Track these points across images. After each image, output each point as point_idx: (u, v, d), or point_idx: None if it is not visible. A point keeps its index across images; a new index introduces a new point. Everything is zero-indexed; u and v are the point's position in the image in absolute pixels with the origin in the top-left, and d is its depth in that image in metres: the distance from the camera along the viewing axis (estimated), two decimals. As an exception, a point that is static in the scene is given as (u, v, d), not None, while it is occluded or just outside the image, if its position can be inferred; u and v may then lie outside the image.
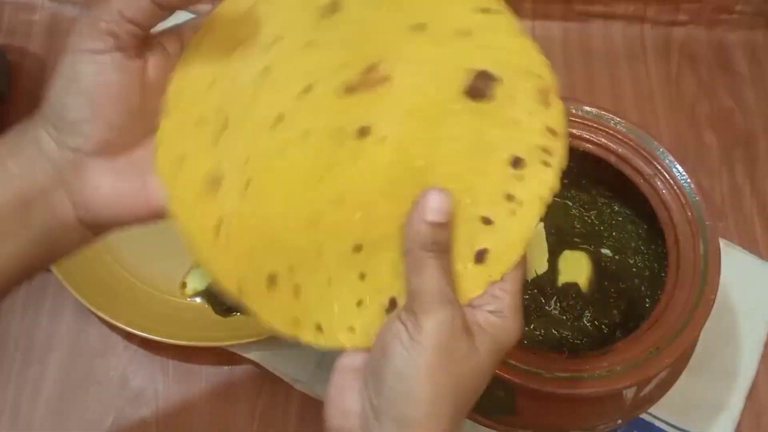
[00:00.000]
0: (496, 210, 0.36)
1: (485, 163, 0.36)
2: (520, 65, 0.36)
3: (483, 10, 0.36)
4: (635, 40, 0.82)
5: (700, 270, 0.51)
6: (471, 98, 0.36)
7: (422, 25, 0.36)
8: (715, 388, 0.63)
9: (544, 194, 0.36)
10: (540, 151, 0.36)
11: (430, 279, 0.34)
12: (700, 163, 0.75)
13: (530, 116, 0.36)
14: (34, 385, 0.62)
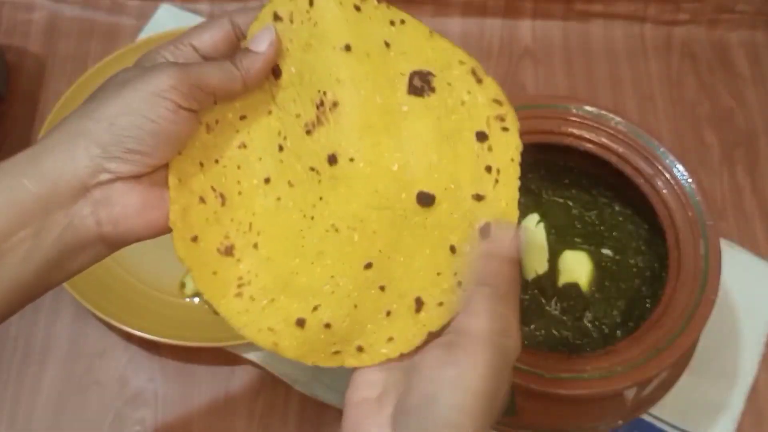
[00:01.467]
0: (481, 185, 0.38)
1: (454, 147, 0.39)
2: (442, 58, 0.40)
3: (392, 23, 0.41)
4: (636, 40, 0.82)
5: (701, 270, 0.51)
6: (415, 95, 0.40)
7: (348, 45, 0.40)
8: (716, 388, 0.63)
9: (514, 156, 0.39)
10: (495, 120, 0.39)
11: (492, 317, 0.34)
12: (700, 163, 0.75)
13: (472, 95, 0.39)
14: (34, 385, 0.62)
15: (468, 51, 0.41)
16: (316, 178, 0.41)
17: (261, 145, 0.41)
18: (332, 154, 0.40)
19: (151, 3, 0.80)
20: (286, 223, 0.40)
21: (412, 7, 0.84)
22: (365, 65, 0.40)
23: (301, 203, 0.41)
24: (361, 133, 0.40)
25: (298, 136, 0.41)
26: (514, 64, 0.80)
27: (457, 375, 0.34)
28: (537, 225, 0.61)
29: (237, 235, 0.40)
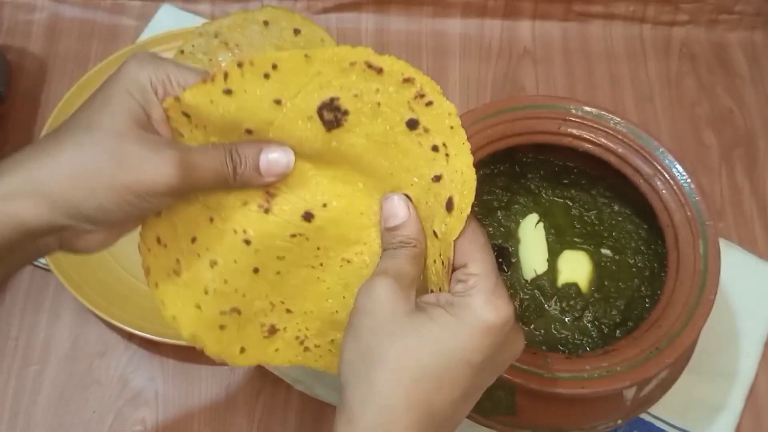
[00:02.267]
0: (435, 165, 0.39)
1: (396, 144, 0.39)
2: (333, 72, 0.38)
3: (266, 76, 0.38)
4: (635, 40, 0.82)
5: (700, 270, 0.51)
6: (336, 128, 0.39)
7: (278, 100, 0.39)
8: (715, 387, 0.63)
9: (451, 122, 0.38)
10: (415, 101, 0.38)
11: (378, 266, 0.37)
12: (699, 163, 0.75)
13: (381, 91, 0.38)
14: (35, 385, 0.62)
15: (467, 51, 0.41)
16: (303, 240, 0.42)
17: (225, 253, 0.42)
18: (304, 212, 0.42)
19: (152, 3, 0.80)
20: (302, 283, 0.43)
21: (412, 9, 0.85)
22: (276, 134, 0.40)
23: (299, 263, 0.43)
24: (316, 178, 0.41)
25: (256, 221, 0.42)
26: (513, 64, 0.80)
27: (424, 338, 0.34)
28: (536, 225, 0.61)
29: (274, 317, 0.43)
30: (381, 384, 0.33)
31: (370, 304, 0.35)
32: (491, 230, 0.61)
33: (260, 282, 0.43)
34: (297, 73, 0.38)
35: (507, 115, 0.57)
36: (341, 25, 0.81)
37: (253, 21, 0.73)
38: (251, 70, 0.38)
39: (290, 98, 0.39)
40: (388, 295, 0.35)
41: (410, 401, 0.33)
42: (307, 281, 0.43)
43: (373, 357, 0.33)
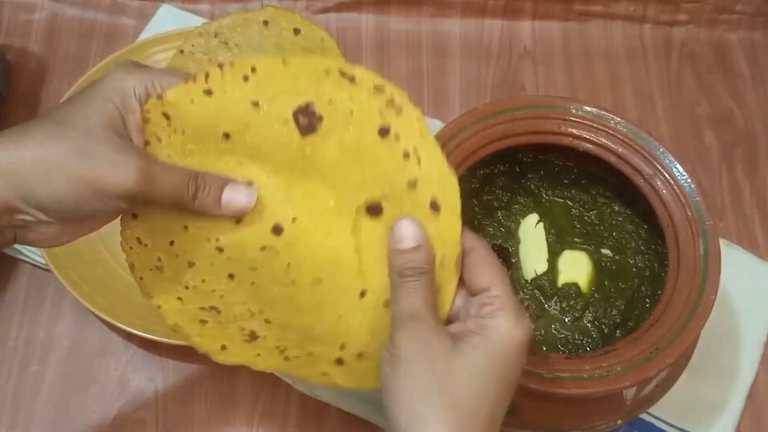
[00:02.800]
0: (408, 170, 0.39)
1: (367, 152, 0.40)
2: (309, 78, 0.40)
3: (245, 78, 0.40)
4: (635, 40, 0.82)
5: (700, 270, 0.51)
6: (310, 133, 0.41)
7: (255, 102, 0.41)
8: (715, 388, 0.63)
9: (420, 127, 0.39)
10: (386, 108, 0.39)
11: (403, 301, 0.37)
12: (700, 163, 0.75)
13: (353, 99, 0.40)
14: (35, 385, 0.62)
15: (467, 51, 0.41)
16: (273, 253, 0.43)
17: (201, 257, 0.43)
18: (274, 225, 0.42)
19: (152, 3, 0.80)
20: (277, 297, 0.43)
21: (412, 9, 0.85)
22: (252, 137, 0.41)
23: (272, 278, 0.43)
24: (288, 192, 0.42)
25: (229, 230, 0.43)
26: (513, 64, 0.80)
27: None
28: (536, 225, 0.61)
29: (254, 323, 0.43)
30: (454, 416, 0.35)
31: (419, 348, 0.36)
32: (491, 230, 0.61)
33: (237, 288, 0.43)
34: (275, 77, 0.40)
35: (507, 115, 0.57)
36: (341, 25, 0.81)
37: (253, 21, 0.73)
38: (231, 72, 0.40)
39: (267, 101, 0.40)
40: (431, 334, 0.36)
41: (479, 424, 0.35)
42: (281, 297, 0.43)
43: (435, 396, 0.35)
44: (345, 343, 0.41)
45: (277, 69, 0.40)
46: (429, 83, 0.78)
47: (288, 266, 0.43)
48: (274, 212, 0.42)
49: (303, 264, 0.43)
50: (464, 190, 0.61)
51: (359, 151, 0.40)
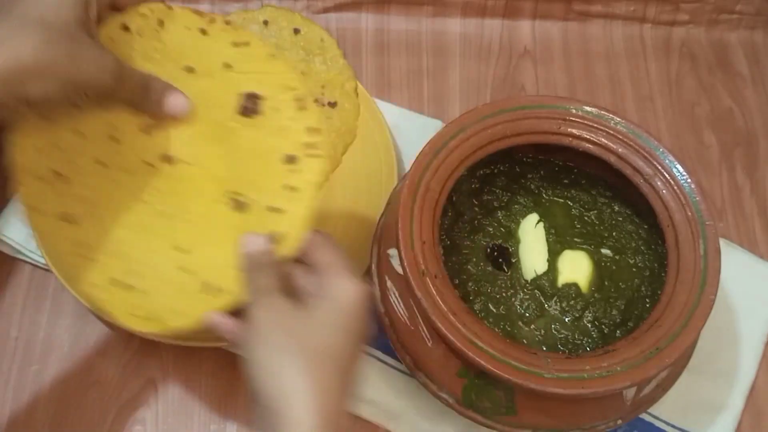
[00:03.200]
0: (280, 200, 0.45)
1: (266, 165, 0.45)
2: (277, 82, 0.46)
3: (236, 45, 0.47)
4: (635, 40, 0.82)
5: (700, 270, 0.52)
6: (244, 116, 0.46)
7: (191, 68, 0.46)
8: (715, 387, 0.63)
9: (317, 180, 0.45)
10: (306, 147, 0.45)
11: (254, 284, 0.43)
12: (699, 163, 0.75)
13: (293, 121, 0.45)
14: (35, 385, 0.62)
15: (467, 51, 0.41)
16: (152, 171, 0.47)
17: (95, 133, 0.47)
18: (168, 154, 0.47)
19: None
20: (120, 201, 0.47)
21: (412, 9, 0.85)
22: (204, 84, 0.46)
23: (135, 189, 0.47)
24: (194, 141, 0.46)
25: (133, 133, 0.47)
26: (513, 64, 0.80)
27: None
28: (536, 225, 0.61)
29: (75, 207, 0.47)
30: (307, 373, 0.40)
31: (270, 316, 0.42)
32: (491, 230, 0.62)
33: (100, 174, 0.47)
34: (256, 59, 0.46)
35: (507, 115, 0.57)
36: (341, 25, 0.81)
37: (253, 21, 0.73)
38: (229, 33, 0.47)
39: (239, 70, 0.46)
40: (280, 303, 0.42)
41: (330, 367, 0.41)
42: (124, 203, 0.47)
43: (288, 349, 0.40)
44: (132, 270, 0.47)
45: (263, 57, 0.47)
46: (429, 83, 0.78)
47: (156, 190, 0.47)
48: (178, 140, 0.47)
49: (168, 199, 0.47)
50: (464, 190, 0.62)
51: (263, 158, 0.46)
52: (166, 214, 0.47)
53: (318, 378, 0.40)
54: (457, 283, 0.59)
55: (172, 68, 0.47)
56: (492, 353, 0.48)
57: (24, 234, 0.66)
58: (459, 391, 0.52)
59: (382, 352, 0.63)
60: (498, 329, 0.57)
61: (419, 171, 0.54)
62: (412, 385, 0.61)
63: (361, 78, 0.77)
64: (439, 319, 0.49)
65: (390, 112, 0.73)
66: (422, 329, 0.53)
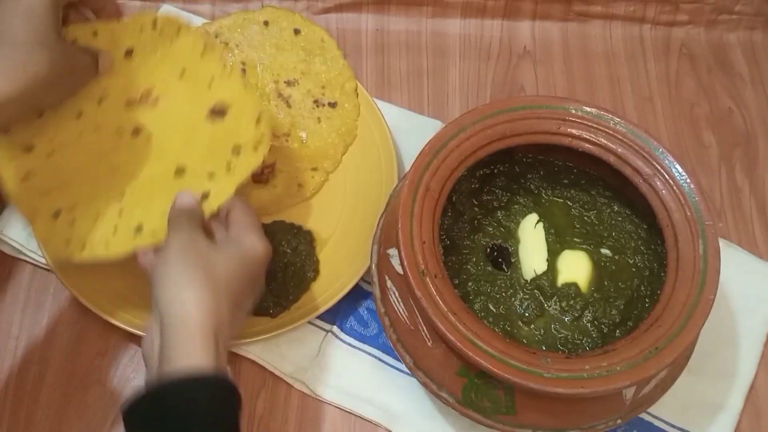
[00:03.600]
0: (219, 172, 0.55)
1: (216, 149, 0.55)
2: (243, 99, 0.57)
3: (225, 66, 0.57)
4: (635, 41, 0.82)
5: (700, 270, 0.52)
6: (213, 116, 0.56)
7: (184, 71, 0.57)
8: (715, 387, 0.63)
9: (252, 164, 0.55)
10: (252, 143, 0.55)
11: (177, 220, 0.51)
12: (699, 163, 0.75)
13: (247, 127, 0.55)
14: (35, 385, 0.62)
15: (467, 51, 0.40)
16: (117, 136, 0.56)
17: (89, 88, 0.56)
18: (138, 128, 0.56)
19: (152, 3, 0.80)
20: (80, 150, 0.56)
21: (412, 9, 0.85)
22: (188, 88, 0.57)
23: (98, 145, 0.56)
24: (165, 125, 0.56)
25: (117, 102, 0.57)
26: (513, 64, 0.80)
27: None
28: (536, 225, 0.61)
29: (40, 142, 0.56)
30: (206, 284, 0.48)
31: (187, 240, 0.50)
32: (491, 230, 0.62)
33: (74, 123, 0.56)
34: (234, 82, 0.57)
35: (507, 115, 0.57)
36: (341, 26, 0.81)
37: (254, 21, 0.73)
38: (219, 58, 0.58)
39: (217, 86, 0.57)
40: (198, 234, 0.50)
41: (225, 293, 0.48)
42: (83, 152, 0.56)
43: (194, 267, 0.48)
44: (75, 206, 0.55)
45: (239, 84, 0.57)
46: (429, 83, 0.78)
47: (116, 151, 0.56)
48: (146, 121, 0.56)
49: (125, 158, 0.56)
50: (464, 190, 0.62)
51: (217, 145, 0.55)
52: (119, 170, 0.56)
53: (213, 292, 0.47)
54: (457, 283, 0.59)
55: (168, 68, 0.57)
56: (492, 353, 0.48)
57: (25, 234, 0.66)
58: (459, 390, 0.52)
59: (382, 352, 0.63)
60: (498, 329, 0.57)
61: (419, 171, 0.54)
62: (412, 385, 0.61)
63: (361, 78, 0.77)
64: (439, 319, 0.49)
65: (390, 112, 0.73)
66: (422, 329, 0.53)
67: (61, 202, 0.56)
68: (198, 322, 0.45)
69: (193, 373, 0.44)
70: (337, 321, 0.64)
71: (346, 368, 0.63)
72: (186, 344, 0.45)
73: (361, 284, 0.65)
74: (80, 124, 0.56)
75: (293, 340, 0.63)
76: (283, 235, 0.65)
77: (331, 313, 0.63)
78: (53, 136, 0.56)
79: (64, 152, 0.56)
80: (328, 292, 0.63)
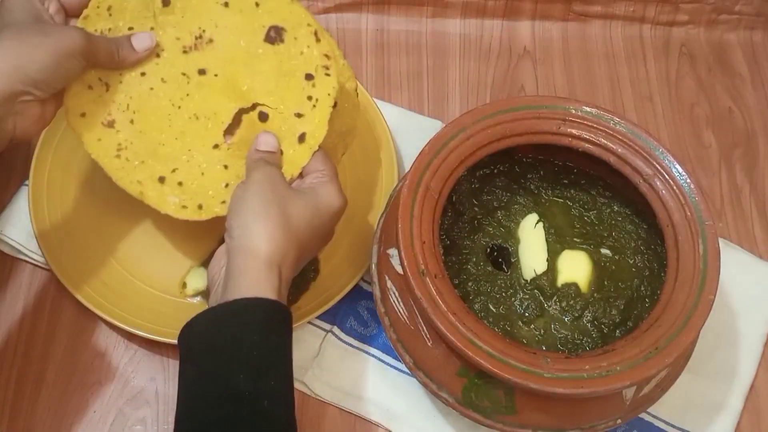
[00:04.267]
0: (302, 107, 0.55)
1: (288, 82, 0.56)
2: (296, 19, 0.56)
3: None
4: (635, 40, 0.82)
5: (700, 270, 0.52)
6: (269, 43, 0.56)
7: (226, 3, 0.57)
8: (715, 387, 0.63)
9: (330, 91, 0.56)
10: (322, 68, 0.56)
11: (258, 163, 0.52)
12: (699, 163, 0.75)
13: (309, 48, 0.56)
14: (35, 385, 0.62)
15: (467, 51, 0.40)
16: (185, 80, 0.56)
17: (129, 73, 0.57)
18: (203, 68, 0.57)
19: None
20: (157, 107, 0.56)
21: (412, 9, 0.85)
22: (237, 17, 0.57)
23: (170, 95, 0.56)
24: (226, 62, 0.56)
25: (174, 52, 0.57)
26: (513, 64, 0.80)
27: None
28: (536, 225, 0.61)
29: (117, 113, 0.56)
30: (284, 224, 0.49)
31: (268, 179, 0.51)
32: (491, 230, 0.62)
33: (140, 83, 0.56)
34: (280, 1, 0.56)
35: (507, 115, 0.57)
36: (341, 26, 0.81)
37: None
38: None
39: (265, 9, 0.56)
40: (278, 176, 0.52)
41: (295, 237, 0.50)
42: (160, 109, 0.56)
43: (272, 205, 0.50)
44: (176, 169, 0.55)
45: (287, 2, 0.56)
46: (429, 83, 0.78)
47: (188, 97, 0.56)
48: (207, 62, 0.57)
49: (200, 104, 0.56)
50: (464, 190, 0.62)
51: (285, 76, 0.56)
52: (201, 114, 0.56)
53: (285, 232, 0.49)
54: (457, 283, 0.59)
55: (212, 4, 0.57)
56: (492, 353, 0.48)
57: (25, 234, 0.66)
58: (459, 390, 0.52)
59: (382, 352, 0.63)
60: (498, 329, 0.57)
61: (419, 171, 0.54)
62: (412, 385, 0.61)
63: (361, 78, 0.77)
64: (439, 319, 0.49)
65: (390, 112, 0.73)
66: (422, 329, 0.53)
67: (160, 168, 0.56)
68: (266, 257, 0.47)
69: (256, 298, 0.46)
70: (337, 321, 0.64)
71: (346, 368, 0.63)
72: (252, 275, 0.47)
73: (361, 284, 0.65)
74: (146, 82, 0.56)
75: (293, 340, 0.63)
76: (283, 235, 0.65)
77: (331, 313, 0.63)
78: (128, 102, 0.56)
79: (142, 114, 0.56)
80: (328, 292, 0.63)
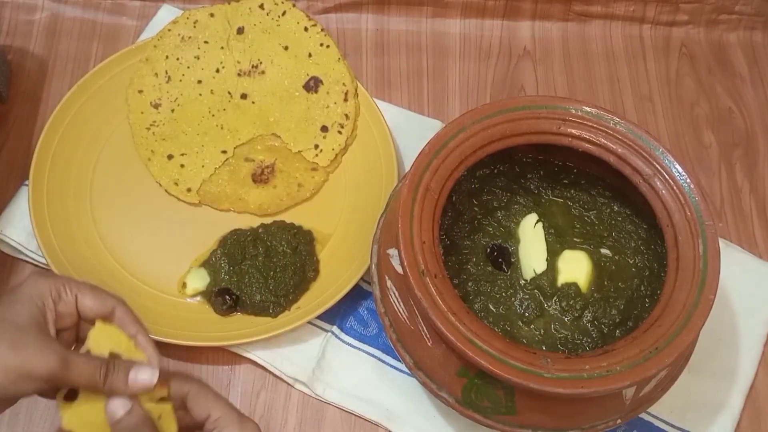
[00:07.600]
0: (307, 153, 0.70)
1: (306, 127, 0.71)
2: (336, 77, 0.71)
3: (321, 45, 0.73)
4: (635, 40, 0.82)
5: (700, 270, 0.52)
6: (305, 90, 0.71)
7: (287, 47, 0.73)
8: (715, 387, 0.63)
9: (335, 148, 0.70)
10: (338, 125, 0.70)
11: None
12: (699, 163, 0.75)
13: (335, 105, 0.71)
14: (35, 385, 0.62)
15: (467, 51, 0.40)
16: (228, 98, 0.72)
17: (209, 61, 0.73)
18: (245, 93, 0.72)
19: (152, 4, 0.80)
20: (197, 109, 0.71)
21: (412, 9, 0.85)
22: (290, 61, 0.72)
23: (211, 105, 0.72)
24: (267, 93, 0.72)
25: (231, 72, 0.73)
26: (513, 64, 0.80)
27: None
28: (536, 225, 0.61)
29: (166, 101, 0.71)
30: None
31: None
32: (491, 230, 0.62)
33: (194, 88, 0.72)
34: (329, 57, 0.72)
35: (507, 115, 0.57)
36: (341, 26, 0.81)
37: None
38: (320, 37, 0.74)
39: (315, 61, 0.73)
40: None
41: None
42: (198, 111, 0.72)
43: None
44: (185, 154, 0.70)
45: (333, 57, 0.72)
46: (429, 83, 0.79)
47: (224, 111, 0.71)
48: (252, 89, 0.72)
49: (230, 119, 0.71)
50: (464, 190, 0.62)
51: (306, 121, 0.71)
52: (225, 127, 0.71)
53: None
54: (457, 283, 0.59)
55: (275, 43, 0.72)
56: (492, 353, 0.48)
57: (24, 234, 0.66)
58: (459, 390, 0.52)
59: (382, 352, 0.63)
60: (498, 329, 0.57)
61: (419, 171, 0.54)
62: (412, 385, 0.62)
63: (361, 78, 0.77)
64: (439, 319, 0.49)
65: (390, 112, 0.73)
66: (422, 329, 0.53)
67: (174, 149, 0.70)
68: None
69: None
70: (337, 321, 0.64)
71: (346, 368, 0.63)
72: None
73: (361, 284, 0.65)
74: (199, 88, 0.72)
75: (293, 341, 0.63)
76: (283, 235, 0.65)
77: (331, 313, 0.63)
78: (177, 97, 0.71)
79: (183, 109, 0.71)
80: (328, 292, 0.63)
